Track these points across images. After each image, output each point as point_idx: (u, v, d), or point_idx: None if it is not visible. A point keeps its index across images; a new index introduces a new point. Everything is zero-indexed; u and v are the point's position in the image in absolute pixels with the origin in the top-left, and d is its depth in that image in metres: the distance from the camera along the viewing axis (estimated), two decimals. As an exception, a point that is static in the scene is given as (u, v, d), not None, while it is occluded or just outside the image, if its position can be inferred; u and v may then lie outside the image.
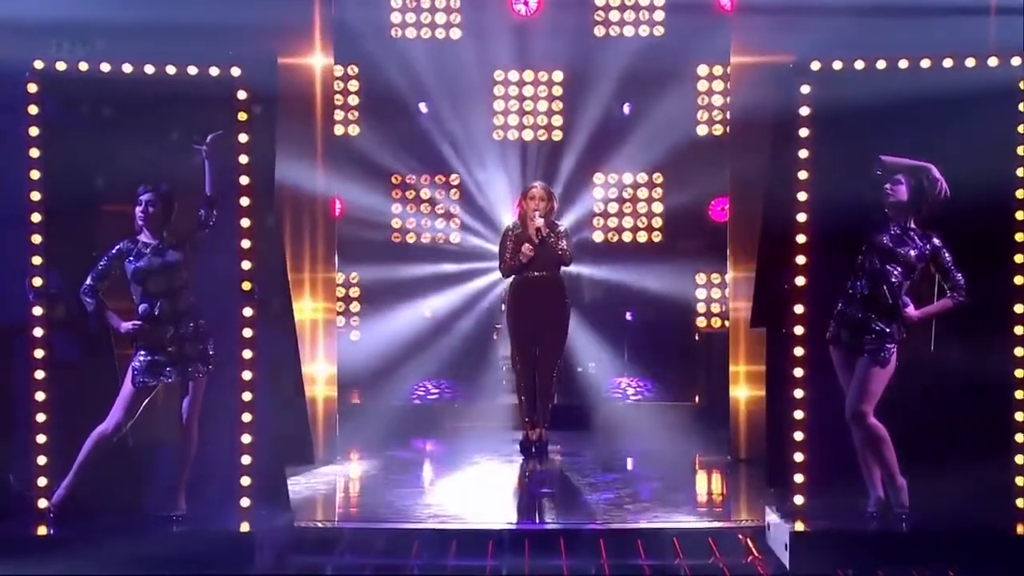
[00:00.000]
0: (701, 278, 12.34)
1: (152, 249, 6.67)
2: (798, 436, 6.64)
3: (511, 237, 9.49)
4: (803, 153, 6.66)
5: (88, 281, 6.64)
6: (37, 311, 6.61)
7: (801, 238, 6.64)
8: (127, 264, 6.66)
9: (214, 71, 6.71)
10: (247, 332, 6.65)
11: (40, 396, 6.63)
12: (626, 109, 12.42)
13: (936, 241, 6.70)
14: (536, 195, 9.41)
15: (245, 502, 6.63)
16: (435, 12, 11.66)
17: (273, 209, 7.06)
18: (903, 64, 6.69)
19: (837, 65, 6.69)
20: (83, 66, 6.66)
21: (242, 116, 6.64)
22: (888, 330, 6.65)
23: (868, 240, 6.69)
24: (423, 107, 12.35)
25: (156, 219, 6.70)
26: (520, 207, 9.60)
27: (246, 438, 6.64)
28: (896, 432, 6.70)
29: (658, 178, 12.55)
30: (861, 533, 6.56)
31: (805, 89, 6.67)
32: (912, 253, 6.66)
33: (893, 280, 6.66)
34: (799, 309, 6.65)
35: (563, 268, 9.50)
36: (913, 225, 6.71)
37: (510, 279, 9.55)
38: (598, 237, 12.78)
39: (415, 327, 13.07)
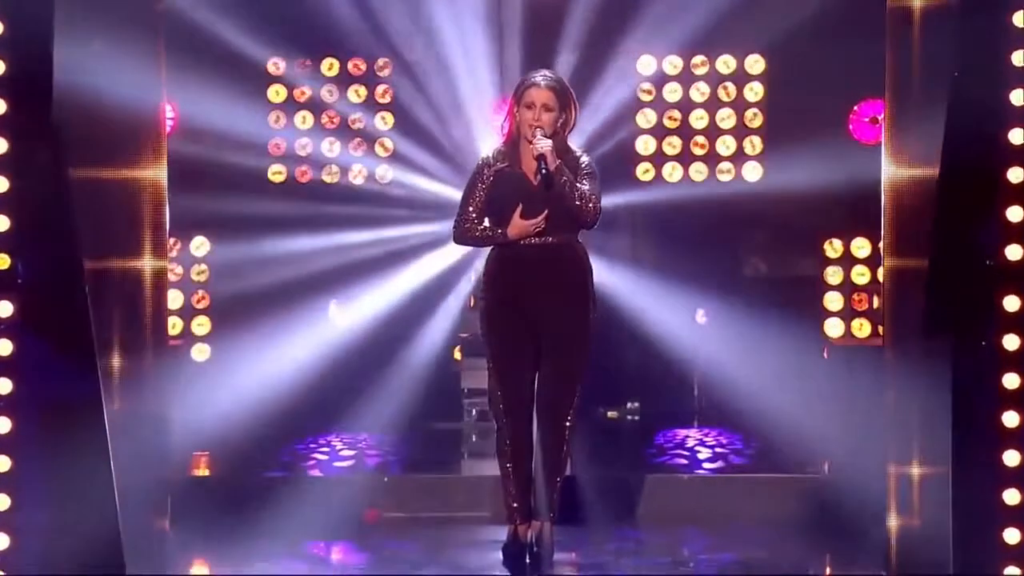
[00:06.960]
0: (834, 248, 12.36)
1: None
2: (1012, 536, 6.71)
3: (488, 176, 9.43)
4: (1020, 18, 6.67)
5: None
6: None
7: (1016, 174, 6.67)
8: None
9: None
10: (3, 346, 6.69)
11: None
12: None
13: None
14: (538, 99, 9.34)
15: (-1, 655, 6.67)
16: None
17: (51, 122, 7.02)
18: None
19: None
20: None
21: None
22: None
23: None
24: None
25: None
26: (510, 119, 9.53)
27: (2, 541, 6.66)
28: None
29: (756, 64, 12.58)
30: None
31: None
32: None
33: None
34: (1013, 304, 6.68)
35: (584, 230, 9.47)
36: None
37: (489, 250, 9.51)
38: (646, 173, 12.81)
39: (312, 338, 13.08)
